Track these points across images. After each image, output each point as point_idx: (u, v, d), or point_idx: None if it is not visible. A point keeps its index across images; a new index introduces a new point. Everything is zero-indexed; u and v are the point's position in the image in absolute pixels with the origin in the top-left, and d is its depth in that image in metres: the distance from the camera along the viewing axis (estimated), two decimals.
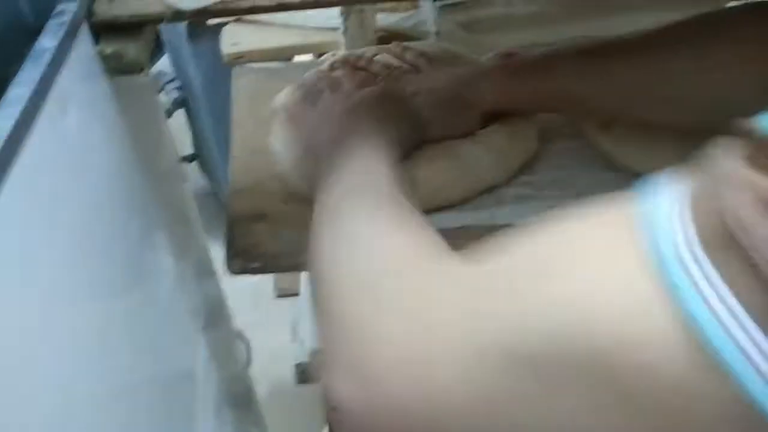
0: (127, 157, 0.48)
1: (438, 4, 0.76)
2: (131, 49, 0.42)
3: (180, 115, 1.82)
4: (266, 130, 0.68)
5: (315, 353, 0.75)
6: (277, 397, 1.48)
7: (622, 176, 0.63)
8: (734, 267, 0.21)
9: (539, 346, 0.25)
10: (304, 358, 0.94)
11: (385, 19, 0.82)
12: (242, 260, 0.54)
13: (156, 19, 0.42)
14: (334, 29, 0.82)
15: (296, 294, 0.97)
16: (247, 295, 1.54)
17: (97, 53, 0.42)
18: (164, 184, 0.59)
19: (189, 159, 1.89)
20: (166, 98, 1.82)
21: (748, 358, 0.20)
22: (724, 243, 0.21)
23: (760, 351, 0.20)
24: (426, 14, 0.79)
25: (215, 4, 0.41)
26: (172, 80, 1.81)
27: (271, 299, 1.65)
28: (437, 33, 0.78)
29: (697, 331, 0.21)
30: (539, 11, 0.82)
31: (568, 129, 0.68)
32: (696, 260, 0.22)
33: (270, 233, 0.57)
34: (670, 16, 0.89)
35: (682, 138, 0.62)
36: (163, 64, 1.83)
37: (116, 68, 0.42)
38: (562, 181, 0.63)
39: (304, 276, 0.91)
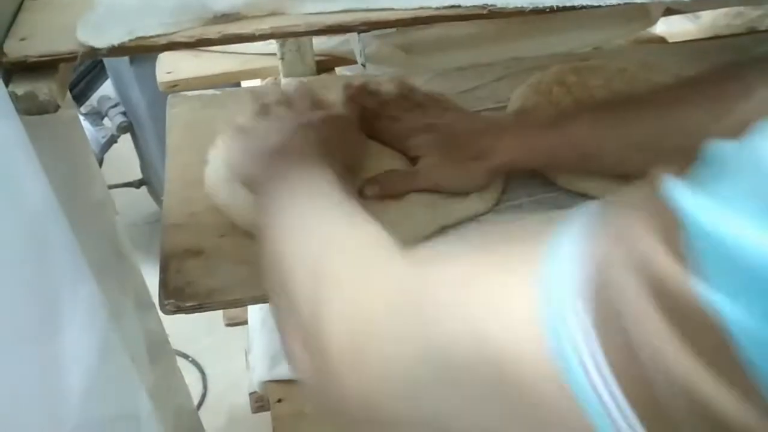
0: (49, 194, 0.46)
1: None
2: (44, 88, 0.40)
3: (126, 140, 1.78)
4: (202, 160, 0.66)
5: (265, 384, 0.74)
6: (235, 426, 1.45)
7: (560, 195, 0.63)
8: (614, 343, 0.23)
9: (448, 351, 0.29)
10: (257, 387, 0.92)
11: (323, 43, 0.82)
12: (176, 300, 0.52)
13: (69, 58, 0.40)
14: (273, 54, 0.81)
15: (245, 323, 0.94)
16: (202, 321, 1.50)
17: (8, 94, 0.40)
18: (93, 218, 0.57)
19: (137, 185, 1.85)
20: (110, 123, 1.78)
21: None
22: (613, 325, 0.23)
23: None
24: (365, 37, 0.79)
25: (131, 40, 0.40)
26: (116, 105, 1.77)
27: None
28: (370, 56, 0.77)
29: (570, 384, 0.24)
30: (477, 32, 0.82)
31: None
32: (584, 332, 0.24)
33: (205, 269, 0.55)
34: (603, 35, 0.91)
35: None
36: (107, 88, 1.80)
37: (29, 109, 0.40)
38: (503, 203, 0.63)
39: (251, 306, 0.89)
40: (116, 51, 0.40)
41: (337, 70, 0.90)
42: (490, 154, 0.59)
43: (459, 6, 0.43)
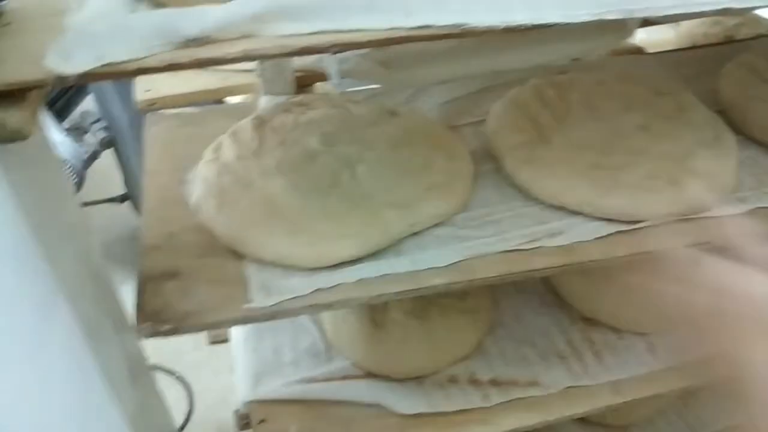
0: (19, 218, 0.45)
1: None
2: (13, 117, 0.40)
3: (109, 155, 1.77)
4: (181, 179, 0.66)
5: (248, 404, 0.73)
6: None
7: (540, 210, 0.63)
8: None
9: None
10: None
11: (302, 58, 0.81)
12: (151, 324, 0.51)
13: (37, 86, 0.39)
14: (252, 71, 0.81)
15: (228, 341, 0.94)
16: (188, 337, 1.48)
17: None
18: (67, 241, 0.56)
19: (120, 200, 1.84)
20: (92, 139, 1.77)
21: None
22: None
23: None
24: (345, 53, 0.79)
25: (100, 67, 0.40)
26: (98, 120, 1.76)
27: None
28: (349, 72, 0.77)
29: None
30: (457, 45, 0.82)
31: (489, 163, 0.69)
32: None
33: (183, 291, 0.55)
34: (583, 46, 0.92)
35: (597, 170, 0.63)
36: (89, 104, 1.79)
37: None
38: (482, 218, 0.63)
39: None
40: (85, 78, 0.40)
41: (318, 85, 0.90)
42: None
43: (431, 26, 0.43)
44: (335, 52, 0.54)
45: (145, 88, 0.84)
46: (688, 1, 0.45)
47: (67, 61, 0.40)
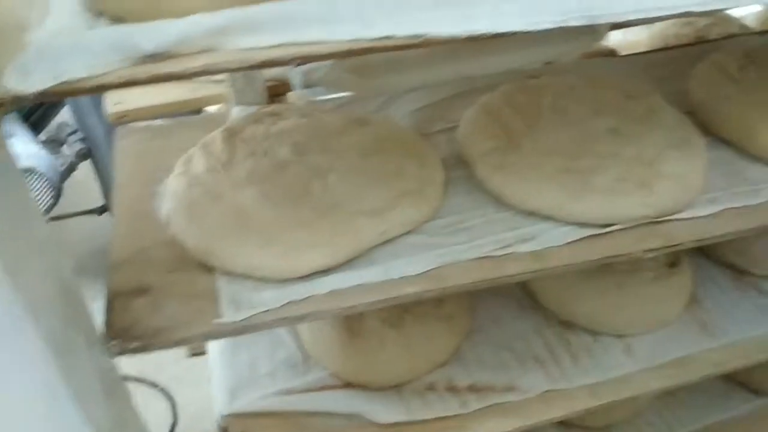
0: None
1: None
2: None
3: (87, 166, 1.75)
4: (151, 193, 0.65)
5: (225, 418, 0.72)
6: None
7: (512, 215, 0.63)
8: None
9: None
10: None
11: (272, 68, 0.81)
12: (120, 341, 0.51)
13: None
14: (223, 81, 0.80)
15: (203, 353, 0.93)
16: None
17: None
18: (34, 258, 0.55)
19: (99, 211, 1.82)
20: (69, 151, 1.76)
21: None
22: None
23: None
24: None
25: (58, 84, 0.39)
26: (74, 132, 1.75)
27: None
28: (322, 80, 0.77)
29: None
30: (427, 52, 0.82)
31: (462, 170, 0.69)
32: None
33: (153, 307, 0.54)
34: (555, 50, 0.92)
35: (567, 174, 0.63)
36: (65, 115, 1.77)
37: None
38: (454, 225, 0.63)
39: None
40: (43, 96, 0.39)
41: (291, 94, 0.90)
42: None
43: (392, 37, 0.43)
44: (298, 65, 0.54)
45: (115, 101, 0.83)
46: (649, 5, 0.46)
47: (25, 79, 0.39)
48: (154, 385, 1.58)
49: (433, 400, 0.71)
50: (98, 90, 0.40)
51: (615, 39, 1.21)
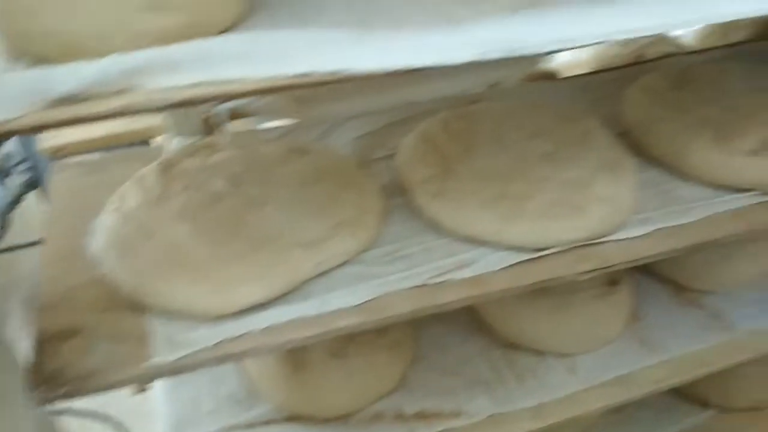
0: None
1: None
2: None
3: (34, 197, 1.71)
4: (84, 230, 0.64)
5: None
6: None
7: (450, 242, 0.64)
8: None
9: None
10: None
11: None
12: (46, 388, 0.49)
13: None
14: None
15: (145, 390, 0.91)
16: None
17: None
18: None
19: None
20: (16, 181, 1.71)
21: None
22: None
23: None
24: None
25: None
26: (21, 161, 1.71)
27: None
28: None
29: None
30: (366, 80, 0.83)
31: (400, 197, 0.69)
32: None
33: (82, 350, 0.53)
34: (496, 74, 0.93)
35: (503, 199, 0.64)
36: (11, 145, 1.73)
37: None
38: (393, 254, 0.63)
39: None
40: None
41: (232, 124, 0.89)
42: None
43: (312, 73, 0.43)
44: (219, 103, 0.53)
45: (52, 134, 0.81)
46: (565, 36, 0.47)
47: None
48: (106, 418, 1.54)
49: (381, 430, 0.71)
50: (11, 134, 0.39)
51: (559, 59, 1.24)
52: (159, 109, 0.43)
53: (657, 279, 0.88)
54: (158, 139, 0.98)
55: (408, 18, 0.51)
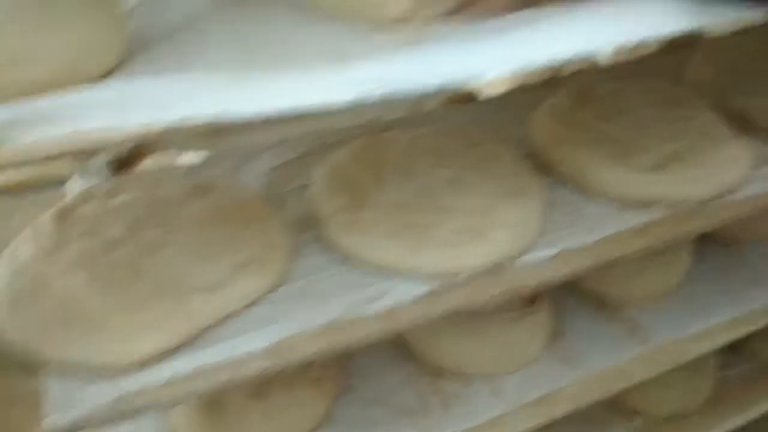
0: None
1: None
2: None
3: None
4: None
5: None
6: None
7: (362, 274, 0.63)
8: None
9: None
10: None
11: None
12: None
13: None
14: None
15: None
16: None
17: None
18: None
19: None
20: None
21: None
22: None
23: None
24: None
25: None
26: None
27: None
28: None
29: None
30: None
31: (312, 231, 0.68)
32: None
33: None
34: None
35: (411, 228, 0.64)
36: None
37: None
38: (303, 289, 0.62)
39: None
40: None
41: (148, 161, 0.87)
42: None
43: (190, 118, 0.42)
44: (90, 155, 0.52)
45: None
46: (459, 70, 0.47)
47: None
48: None
49: None
50: None
51: (481, 80, 1.25)
52: (26, 164, 0.41)
53: (578, 295, 0.89)
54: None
55: (294, 52, 0.51)
